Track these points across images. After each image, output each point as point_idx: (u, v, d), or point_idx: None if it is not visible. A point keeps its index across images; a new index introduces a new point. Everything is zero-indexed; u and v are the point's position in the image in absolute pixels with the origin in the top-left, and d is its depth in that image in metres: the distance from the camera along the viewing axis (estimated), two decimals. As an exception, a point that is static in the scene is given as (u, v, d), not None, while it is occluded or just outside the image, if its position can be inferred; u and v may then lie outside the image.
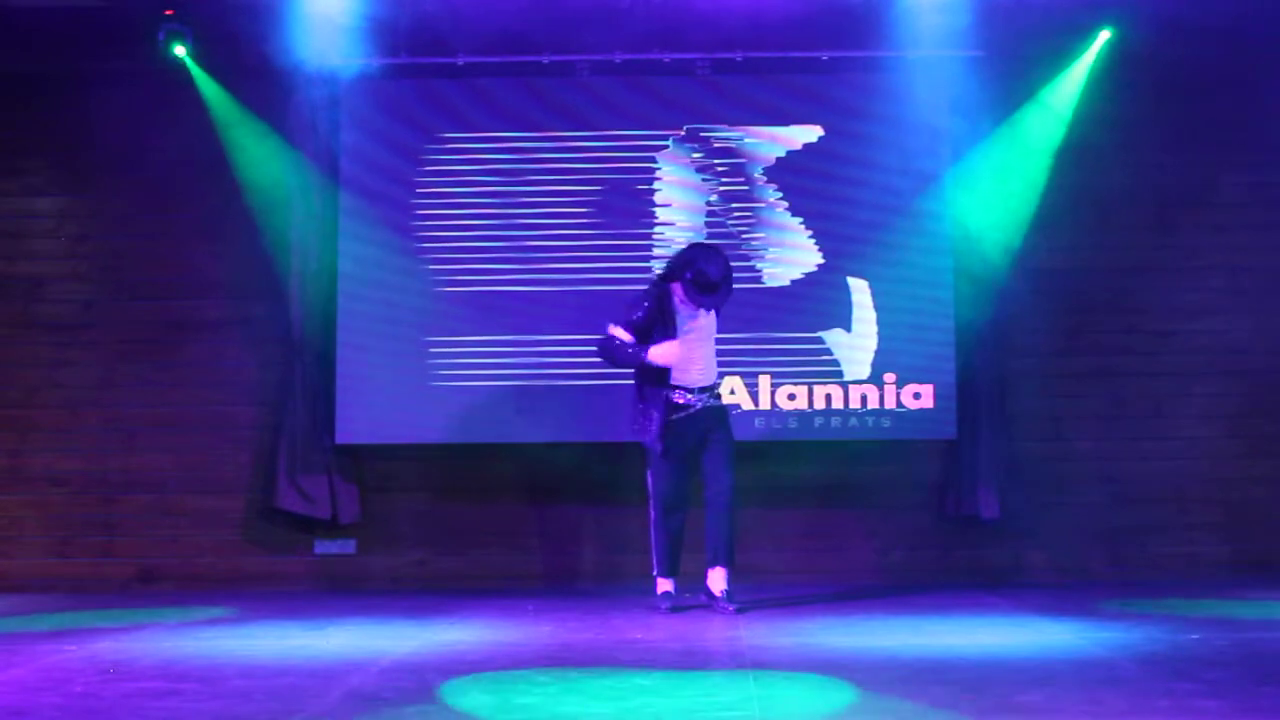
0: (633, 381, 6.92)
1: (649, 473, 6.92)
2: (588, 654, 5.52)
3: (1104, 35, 8.02)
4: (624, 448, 7.87)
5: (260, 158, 8.20)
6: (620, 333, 6.79)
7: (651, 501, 6.92)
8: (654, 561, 6.96)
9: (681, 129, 8.24)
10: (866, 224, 8.15)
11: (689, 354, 6.80)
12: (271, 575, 8.22)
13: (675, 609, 6.81)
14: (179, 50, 7.99)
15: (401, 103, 8.26)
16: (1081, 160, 8.23)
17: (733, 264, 6.78)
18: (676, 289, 6.79)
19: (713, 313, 6.89)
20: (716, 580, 6.85)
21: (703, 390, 6.84)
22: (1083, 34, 8.08)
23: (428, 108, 8.26)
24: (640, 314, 6.78)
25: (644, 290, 6.94)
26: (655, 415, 6.78)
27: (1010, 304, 8.18)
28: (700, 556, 6.97)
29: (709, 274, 6.65)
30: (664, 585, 6.93)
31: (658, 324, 6.77)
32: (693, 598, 6.97)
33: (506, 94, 8.25)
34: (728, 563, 6.86)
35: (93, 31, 8.21)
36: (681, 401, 6.82)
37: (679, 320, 6.80)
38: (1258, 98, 8.22)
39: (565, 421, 8.07)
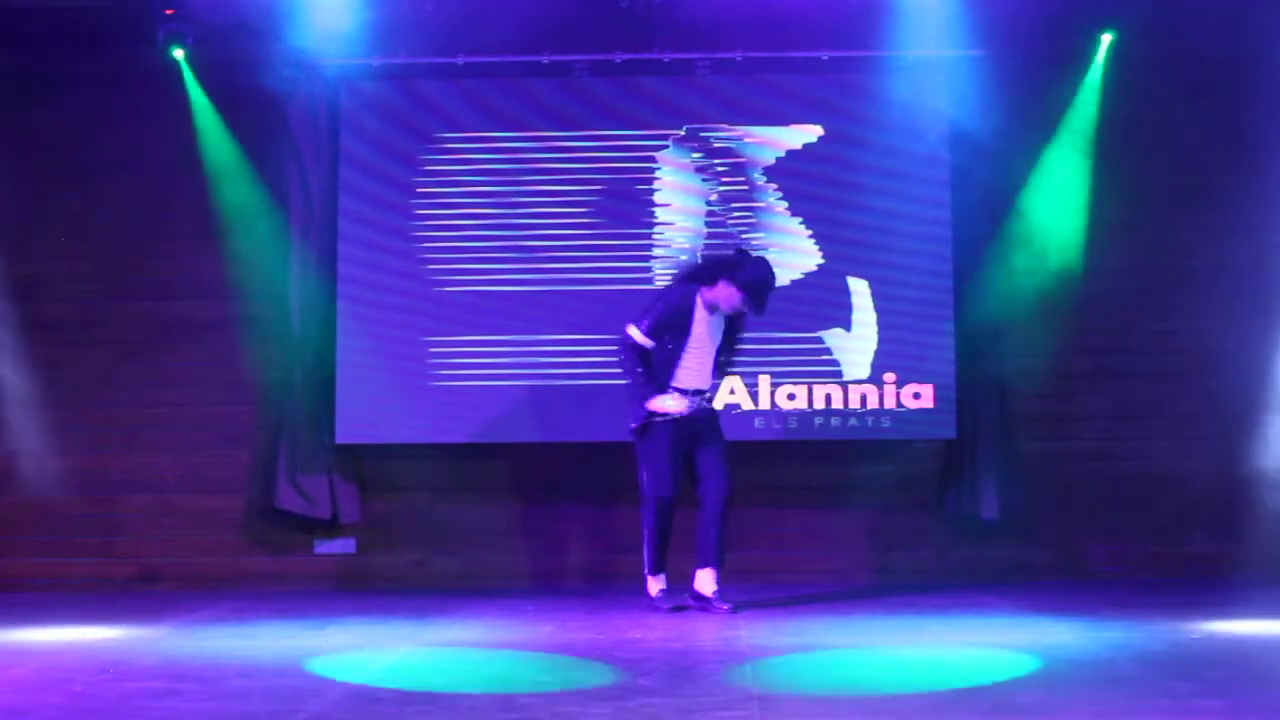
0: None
1: (641, 469, 6.87)
2: (588, 653, 5.52)
3: (1106, 39, 8.02)
4: (624, 448, 7.86)
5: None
6: (637, 335, 6.76)
7: (645, 496, 6.84)
8: (646, 559, 6.89)
9: (681, 129, 8.24)
10: (866, 224, 8.15)
11: (692, 360, 6.80)
12: (271, 575, 8.22)
13: (677, 609, 6.80)
14: (177, 54, 8.00)
15: (401, 103, 8.25)
16: (1080, 160, 8.22)
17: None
18: (705, 292, 6.79)
19: (719, 319, 6.86)
20: (705, 582, 6.80)
21: (697, 393, 6.83)
22: (1083, 34, 8.08)
23: (427, 108, 8.26)
24: (656, 315, 6.77)
25: (665, 289, 7.00)
26: (643, 410, 6.77)
27: (1010, 304, 8.18)
28: (688, 556, 6.96)
29: (771, 283, 6.74)
30: (656, 584, 6.91)
31: (673, 327, 6.76)
32: (681, 598, 6.96)
33: (506, 94, 8.25)
34: (718, 564, 6.84)
35: (93, 31, 8.21)
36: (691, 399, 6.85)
37: (693, 325, 6.79)
38: (1258, 97, 8.21)
39: (565, 421, 8.07)
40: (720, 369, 7.03)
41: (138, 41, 8.07)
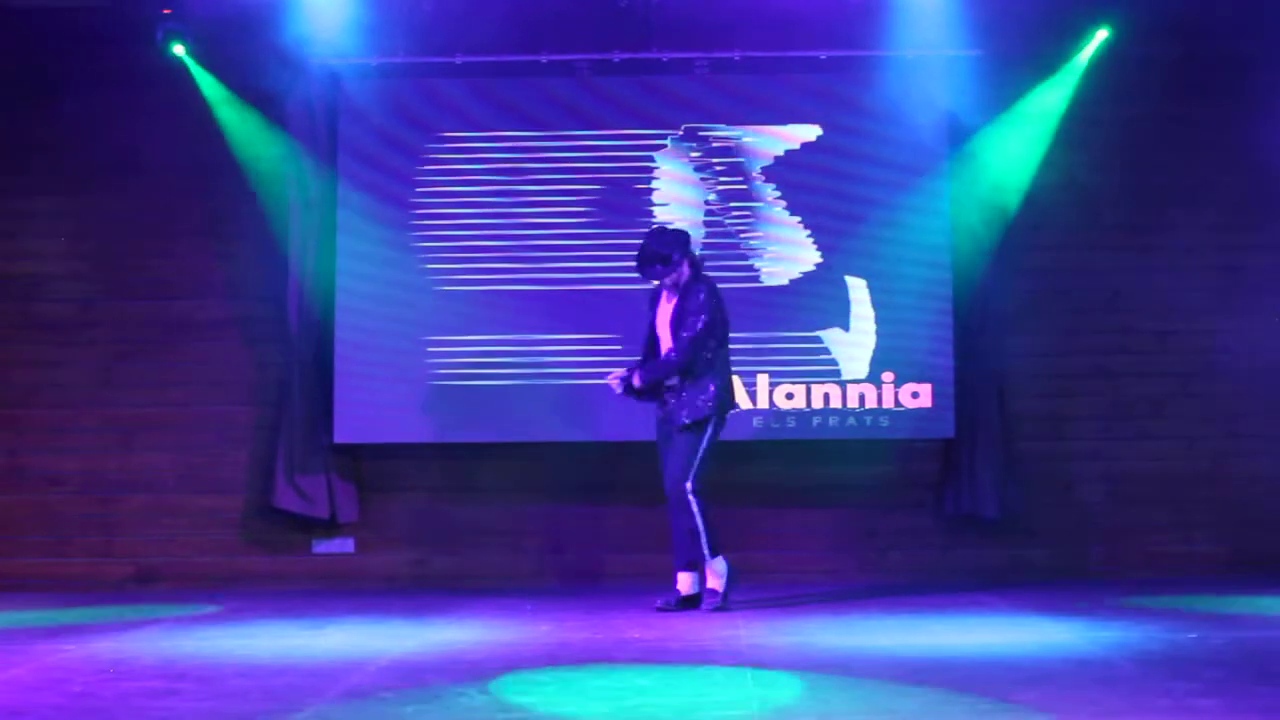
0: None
1: None
2: (585, 653, 5.51)
3: (1101, 34, 8.02)
4: (623, 447, 7.88)
5: (261, 152, 8.20)
6: None
7: None
8: None
9: (680, 128, 8.24)
10: (865, 223, 8.15)
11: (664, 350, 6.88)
12: (270, 575, 8.22)
13: (663, 609, 6.77)
14: (178, 49, 8.00)
15: (400, 102, 8.25)
16: (1080, 160, 8.23)
17: (730, 262, 6.77)
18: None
19: (672, 307, 6.82)
20: (681, 583, 6.83)
21: (668, 390, 6.83)
22: (1082, 33, 8.08)
23: (426, 107, 8.25)
24: None
25: None
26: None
27: (1009, 303, 8.18)
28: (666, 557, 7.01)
29: (641, 248, 6.86)
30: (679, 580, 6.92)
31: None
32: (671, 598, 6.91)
33: (505, 93, 8.25)
34: (682, 566, 6.82)
35: (93, 31, 8.22)
36: (663, 397, 6.88)
37: (657, 316, 6.90)
38: (1256, 97, 8.21)
39: (564, 421, 8.07)
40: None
41: (138, 41, 8.07)
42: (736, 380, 7.89)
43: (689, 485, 6.71)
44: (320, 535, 8.26)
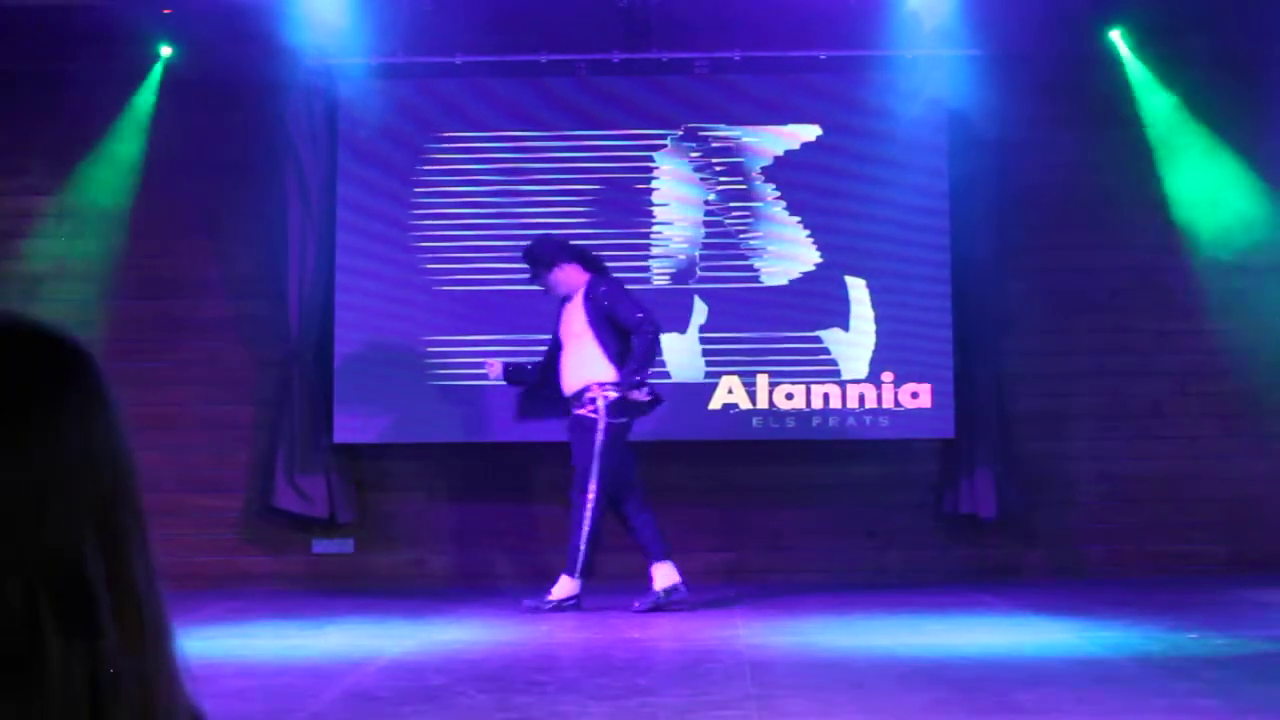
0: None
1: None
2: (585, 653, 5.51)
3: (1115, 34, 8.03)
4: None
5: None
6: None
7: None
8: None
9: (680, 128, 8.24)
10: (864, 222, 8.15)
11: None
12: (269, 574, 8.21)
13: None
14: (165, 50, 8.02)
15: (399, 101, 8.25)
16: (1079, 158, 8.23)
17: (730, 262, 6.72)
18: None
19: (572, 309, 6.86)
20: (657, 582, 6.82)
21: (566, 400, 6.83)
22: (1081, 33, 8.08)
23: (425, 106, 8.25)
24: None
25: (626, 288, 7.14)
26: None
27: (1009, 303, 8.18)
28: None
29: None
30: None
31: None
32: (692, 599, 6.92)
33: (504, 93, 8.24)
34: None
35: (93, 31, 8.21)
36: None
37: (560, 325, 6.94)
38: (1256, 95, 8.21)
39: (564, 421, 8.04)
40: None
41: (138, 41, 8.07)
42: (736, 380, 7.95)
43: (587, 493, 6.65)
44: (320, 535, 8.25)
